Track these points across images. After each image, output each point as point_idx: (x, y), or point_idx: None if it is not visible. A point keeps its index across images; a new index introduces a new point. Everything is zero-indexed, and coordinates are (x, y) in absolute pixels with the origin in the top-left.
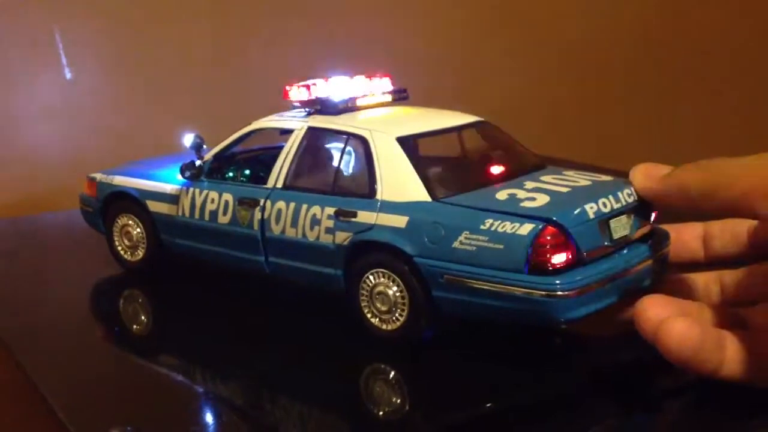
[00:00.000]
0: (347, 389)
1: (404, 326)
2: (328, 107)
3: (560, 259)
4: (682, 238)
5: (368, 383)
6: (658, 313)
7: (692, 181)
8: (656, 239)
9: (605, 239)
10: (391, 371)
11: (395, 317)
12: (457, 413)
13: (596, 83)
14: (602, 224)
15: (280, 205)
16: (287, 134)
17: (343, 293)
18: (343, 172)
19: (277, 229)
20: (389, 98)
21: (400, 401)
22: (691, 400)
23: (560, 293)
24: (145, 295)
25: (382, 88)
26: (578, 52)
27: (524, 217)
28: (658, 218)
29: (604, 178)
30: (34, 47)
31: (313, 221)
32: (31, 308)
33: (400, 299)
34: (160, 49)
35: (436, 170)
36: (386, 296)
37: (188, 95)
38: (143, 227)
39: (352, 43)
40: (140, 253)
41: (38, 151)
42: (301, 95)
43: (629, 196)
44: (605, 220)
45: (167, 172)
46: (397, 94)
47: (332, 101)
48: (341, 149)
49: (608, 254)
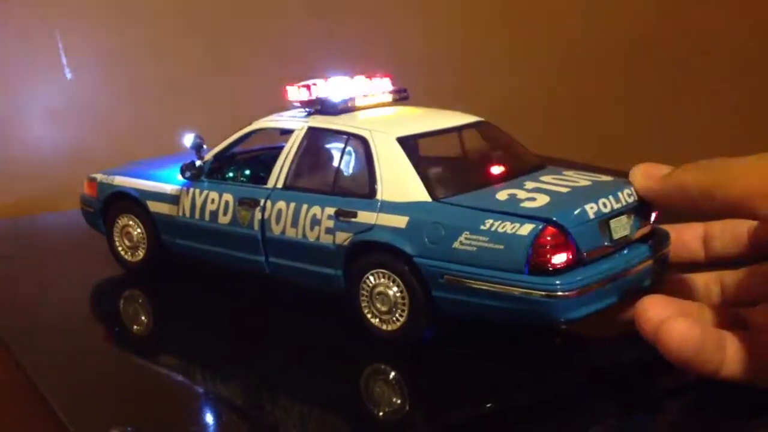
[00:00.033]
0: (347, 389)
1: (404, 326)
2: (328, 107)
3: (560, 259)
4: (682, 238)
5: (368, 383)
6: (658, 313)
7: (692, 181)
8: (656, 239)
9: (605, 239)
10: (391, 371)
11: (395, 317)
12: (457, 413)
13: (596, 83)
14: (602, 224)
15: (280, 205)
16: (287, 134)
17: (343, 293)
18: (343, 172)
19: (277, 229)
20: (389, 98)
21: (400, 401)
22: (691, 400)
23: (560, 293)
24: (145, 295)
25: (382, 88)
26: (578, 52)
27: (524, 217)
28: (658, 218)
29: (604, 178)
30: (34, 47)
31: (313, 221)
32: (31, 308)
33: (400, 299)
34: (160, 49)
35: (436, 170)
36: (386, 296)
37: (188, 95)
38: (144, 227)
39: (352, 43)
40: (141, 253)
41: (38, 151)
42: (301, 95)
43: (629, 196)
44: (605, 220)
45: (167, 172)
46: (397, 94)
47: (332, 101)
48: (341, 149)
49: (608, 254)
